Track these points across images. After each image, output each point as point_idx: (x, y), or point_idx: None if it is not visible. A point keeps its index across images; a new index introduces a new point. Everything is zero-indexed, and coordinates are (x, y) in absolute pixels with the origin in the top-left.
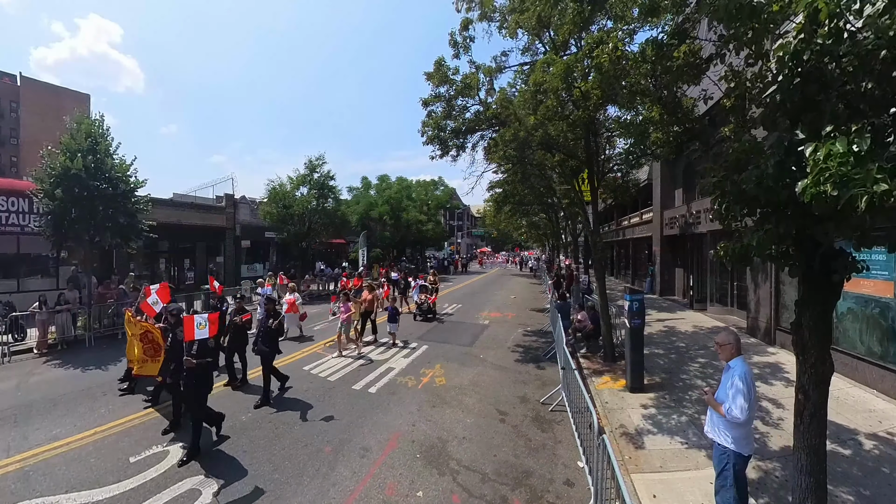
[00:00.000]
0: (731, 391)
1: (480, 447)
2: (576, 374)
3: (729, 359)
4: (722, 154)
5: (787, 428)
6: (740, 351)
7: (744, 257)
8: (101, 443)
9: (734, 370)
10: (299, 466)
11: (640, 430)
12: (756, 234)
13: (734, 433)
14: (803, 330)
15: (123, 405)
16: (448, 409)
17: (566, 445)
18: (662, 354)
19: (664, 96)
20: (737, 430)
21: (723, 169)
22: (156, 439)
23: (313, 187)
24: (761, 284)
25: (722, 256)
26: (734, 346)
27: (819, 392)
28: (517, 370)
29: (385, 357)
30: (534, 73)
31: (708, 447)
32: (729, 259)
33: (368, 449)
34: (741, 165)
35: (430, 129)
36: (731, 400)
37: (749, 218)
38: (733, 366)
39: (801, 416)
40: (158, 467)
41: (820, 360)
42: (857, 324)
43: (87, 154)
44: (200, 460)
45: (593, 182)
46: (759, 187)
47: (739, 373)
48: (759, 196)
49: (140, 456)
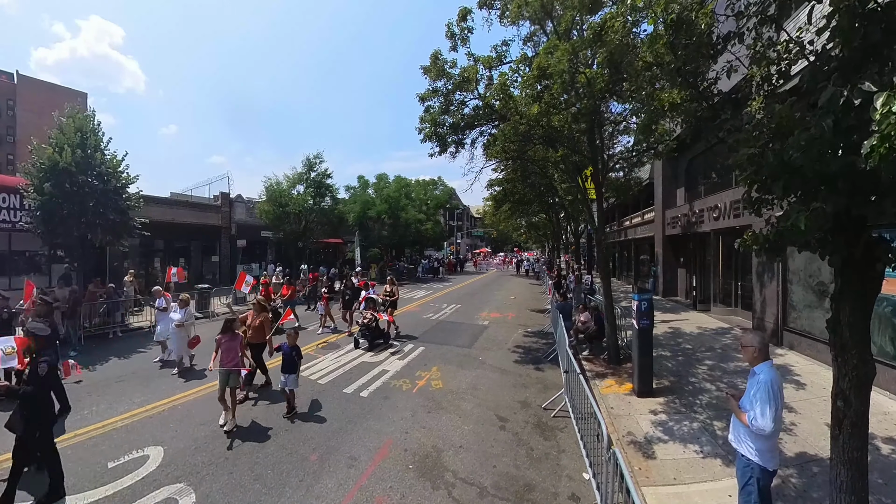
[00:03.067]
0: (756, 399)
1: (478, 457)
2: (580, 378)
3: (754, 363)
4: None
5: (800, 433)
6: (768, 355)
7: (776, 246)
8: (81, 446)
9: (760, 376)
10: (282, 476)
11: (649, 437)
12: (801, 214)
13: (759, 445)
14: (842, 327)
15: (108, 407)
16: (444, 415)
17: (570, 455)
18: (669, 356)
19: (683, 67)
20: (762, 441)
21: (763, 137)
22: (137, 443)
23: (310, 185)
24: (767, 283)
25: (749, 245)
26: (759, 350)
27: (861, 398)
28: (518, 373)
29: (379, 359)
30: (538, 57)
31: (724, 455)
32: (759, 249)
33: (357, 458)
34: (784, 132)
35: (428, 126)
36: (757, 409)
37: (786, 200)
38: (759, 371)
39: (841, 426)
40: (136, 473)
41: (861, 361)
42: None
43: (76, 148)
44: (181, 466)
45: (598, 178)
46: (807, 155)
47: (766, 379)
48: (806, 168)
49: (119, 461)
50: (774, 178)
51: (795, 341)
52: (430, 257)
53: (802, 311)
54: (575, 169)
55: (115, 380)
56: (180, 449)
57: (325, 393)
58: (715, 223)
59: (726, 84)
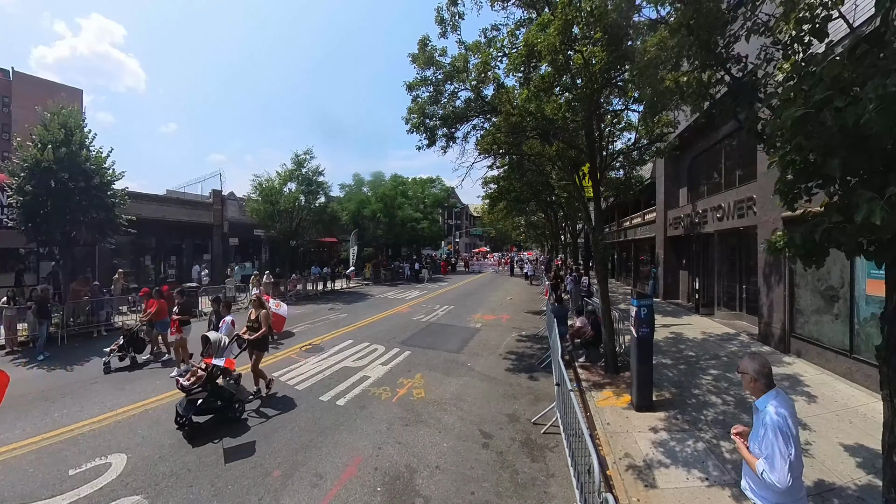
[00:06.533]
0: (765, 447)
1: (455, 480)
2: (572, 397)
3: (756, 394)
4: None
5: (816, 454)
6: (771, 383)
7: (819, 249)
8: (45, 451)
9: (767, 416)
10: (242, 493)
11: (649, 461)
12: (876, 204)
13: (777, 498)
14: None
15: (79, 410)
16: (423, 429)
17: (560, 481)
18: (670, 365)
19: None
20: (781, 495)
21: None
22: (101, 449)
23: (301, 183)
24: (774, 287)
25: (779, 250)
26: (757, 379)
27: None
28: (508, 381)
29: (361, 364)
30: (527, 33)
31: (732, 484)
32: (795, 252)
33: (322, 476)
34: (845, 87)
35: (416, 116)
36: (767, 460)
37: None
38: (762, 408)
39: None
40: (95, 483)
41: None
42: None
43: (59, 145)
44: (142, 477)
45: (595, 175)
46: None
47: (773, 421)
48: (883, 134)
49: (80, 468)
50: (828, 153)
51: (803, 349)
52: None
53: (811, 316)
54: (571, 165)
55: (90, 381)
56: (144, 457)
57: (300, 399)
58: (719, 224)
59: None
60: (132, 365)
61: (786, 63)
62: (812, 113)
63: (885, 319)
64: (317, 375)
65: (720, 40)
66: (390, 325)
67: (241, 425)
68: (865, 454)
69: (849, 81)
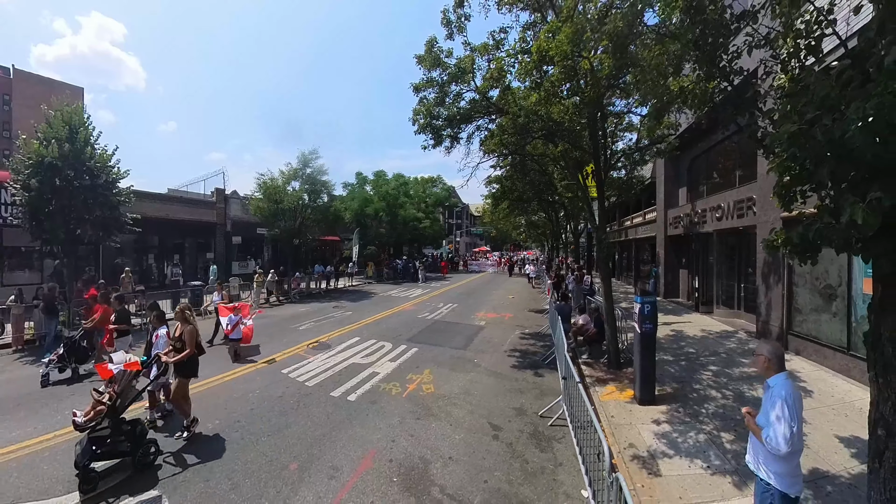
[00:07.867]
0: (771, 416)
1: (469, 470)
2: (580, 388)
3: (767, 374)
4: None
5: (812, 445)
6: (783, 366)
7: (812, 246)
8: (59, 448)
9: (775, 390)
10: (259, 486)
11: (652, 451)
12: (858, 207)
13: (777, 467)
14: (883, 343)
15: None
16: (434, 423)
17: (568, 469)
18: (672, 361)
19: (702, 42)
20: (780, 463)
21: (811, 110)
22: None
23: (305, 182)
24: (772, 285)
25: (777, 247)
26: (771, 361)
27: None
28: (514, 377)
29: (370, 360)
30: (538, 40)
31: (733, 471)
32: (791, 250)
33: (339, 468)
34: (833, 105)
35: (422, 117)
36: (772, 426)
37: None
38: (773, 385)
39: (881, 459)
40: (112, 478)
41: None
42: None
43: (63, 143)
44: (157, 470)
45: (600, 175)
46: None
47: (781, 394)
48: (864, 149)
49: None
50: (819, 163)
51: (801, 346)
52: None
53: (809, 314)
54: (575, 165)
55: (91, 381)
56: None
57: (311, 396)
58: (718, 223)
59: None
60: (73, 377)
61: (784, 76)
62: (805, 128)
63: (871, 310)
64: (326, 372)
65: (724, 56)
66: (396, 322)
67: (254, 421)
68: (860, 445)
69: (836, 101)
